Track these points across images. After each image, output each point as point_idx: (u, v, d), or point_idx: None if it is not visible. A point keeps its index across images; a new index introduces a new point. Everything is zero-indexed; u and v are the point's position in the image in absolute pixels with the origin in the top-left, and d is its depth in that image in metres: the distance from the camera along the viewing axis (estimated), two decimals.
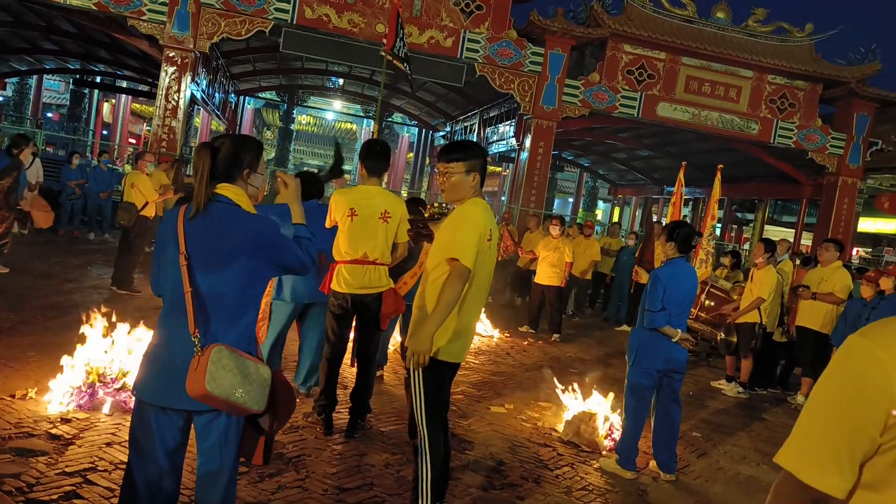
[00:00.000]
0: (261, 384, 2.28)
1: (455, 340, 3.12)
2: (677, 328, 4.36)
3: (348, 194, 4.34)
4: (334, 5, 13.51)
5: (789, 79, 15.81)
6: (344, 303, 4.30)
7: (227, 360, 2.22)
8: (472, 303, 3.14)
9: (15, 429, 3.79)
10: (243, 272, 2.31)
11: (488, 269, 3.20)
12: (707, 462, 5.19)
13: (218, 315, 2.31)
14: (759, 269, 7.57)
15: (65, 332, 5.60)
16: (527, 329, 9.65)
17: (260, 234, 2.34)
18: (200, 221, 2.32)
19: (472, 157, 3.14)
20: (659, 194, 24.73)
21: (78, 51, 18.82)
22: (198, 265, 2.30)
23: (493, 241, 3.18)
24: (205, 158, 2.32)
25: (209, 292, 2.30)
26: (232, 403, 2.22)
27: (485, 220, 3.10)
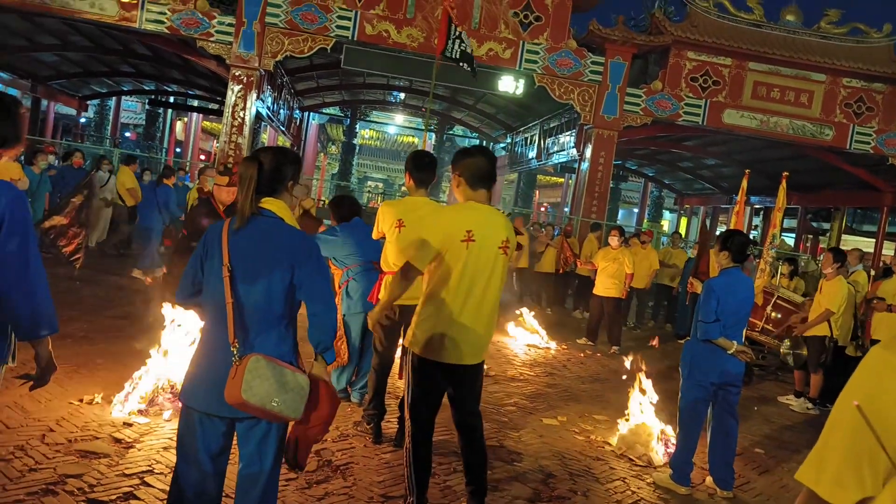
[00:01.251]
0: (297, 393, 2.34)
1: (433, 337, 3.17)
2: (733, 340, 4.22)
3: (396, 206, 4.38)
4: (393, 21, 13.74)
5: (867, 81, 15.12)
6: (391, 314, 4.31)
7: (264, 369, 2.28)
8: (452, 302, 3.16)
9: (81, 431, 3.98)
10: (282, 284, 2.38)
11: (472, 270, 3.16)
12: (769, 480, 4.98)
13: (258, 325, 2.38)
14: (829, 280, 7.24)
15: (133, 342, 5.85)
16: (585, 341, 9.50)
17: (298, 247, 2.40)
18: (244, 234, 2.40)
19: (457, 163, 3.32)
20: (727, 204, 23.96)
21: (152, 72, 19.74)
22: (239, 276, 2.38)
23: (480, 242, 3.16)
24: (252, 172, 2.39)
25: (250, 303, 2.37)
26: (268, 412, 2.28)
27: (456, 220, 3.18)
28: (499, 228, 3.27)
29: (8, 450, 3.60)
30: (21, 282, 2.20)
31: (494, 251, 3.22)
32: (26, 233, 2.23)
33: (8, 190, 2.23)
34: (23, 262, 2.20)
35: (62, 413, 4.22)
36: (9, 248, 2.18)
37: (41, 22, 14.57)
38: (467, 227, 3.16)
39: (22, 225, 2.22)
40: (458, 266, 3.15)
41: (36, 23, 14.69)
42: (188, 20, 13.18)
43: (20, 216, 2.22)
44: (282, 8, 13.40)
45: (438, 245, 3.14)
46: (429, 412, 3.34)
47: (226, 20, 13.32)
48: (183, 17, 13.15)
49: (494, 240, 3.22)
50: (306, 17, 13.50)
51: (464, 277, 3.16)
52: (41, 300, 2.25)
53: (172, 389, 4.58)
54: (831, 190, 19.36)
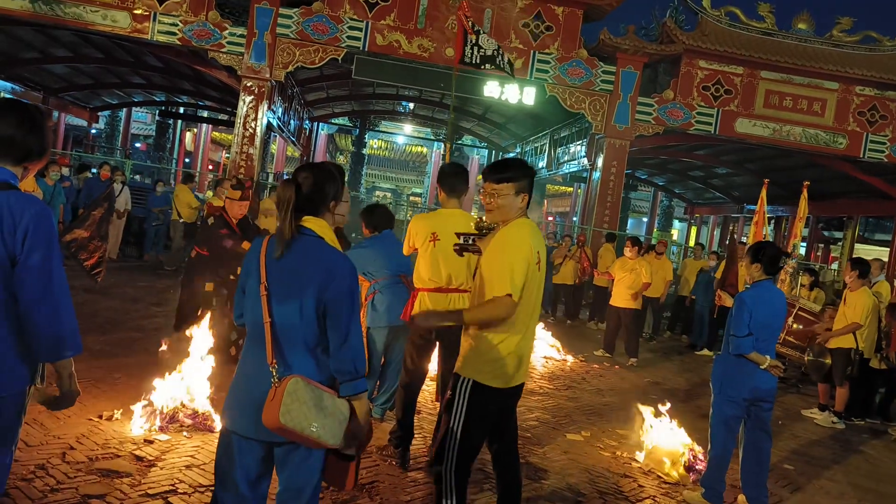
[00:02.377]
0: (337, 418, 2.27)
1: (505, 363, 2.97)
2: (765, 354, 4.11)
3: (430, 219, 4.22)
4: (405, 31, 13.74)
5: (880, 89, 15.03)
6: (427, 333, 4.18)
7: (303, 392, 2.20)
8: (525, 326, 3.01)
9: (101, 449, 3.90)
10: (320, 304, 2.30)
11: (536, 293, 3.05)
12: (801, 498, 4.87)
13: (296, 346, 2.31)
14: (853, 291, 7.13)
15: (150, 355, 5.79)
16: (602, 353, 9.39)
17: (335, 268, 2.32)
18: (281, 255, 2.33)
19: (523, 178, 3.02)
20: (738, 213, 23.85)
21: (163, 84, 19.83)
22: (276, 296, 2.31)
23: (542, 263, 3.07)
24: (289, 194, 2.32)
25: (288, 323, 2.30)
26: (307, 437, 2.20)
27: (532, 242, 2.97)
28: (542, 241, 3.15)
29: (28, 469, 3.53)
30: (44, 299, 2.11)
31: (543, 267, 3.12)
32: (50, 248, 2.15)
33: (31, 204, 2.16)
34: (46, 277, 2.12)
35: (82, 430, 4.15)
36: (31, 262, 2.10)
37: (54, 34, 14.65)
38: (537, 248, 3.01)
39: (45, 240, 2.14)
40: (532, 288, 2.99)
41: (49, 35, 14.77)
42: (200, 31, 13.21)
43: (44, 230, 2.14)
44: (293, 19, 13.43)
45: (526, 269, 2.92)
46: (477, 449, 3.11)
47: (237, 31, 13.35)
48: (195, 29, 13.18)
49: (544, 256, 3.12)
50: (317, 28, 13.52)
51: (531, 299, 3.02)
52: (65, 318, 2.16)
53: (193, 405, 4.51)
54: (844, 199, 19.23)
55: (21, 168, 2.24)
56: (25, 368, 2.20)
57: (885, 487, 5.40)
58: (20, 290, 2.10)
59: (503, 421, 3.20)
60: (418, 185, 38.77)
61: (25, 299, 2.10)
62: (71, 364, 2.24)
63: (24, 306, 2.10)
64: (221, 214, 6.02)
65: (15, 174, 2.21)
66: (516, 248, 2.92)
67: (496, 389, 2.98)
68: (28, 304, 2.10)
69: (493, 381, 2.97)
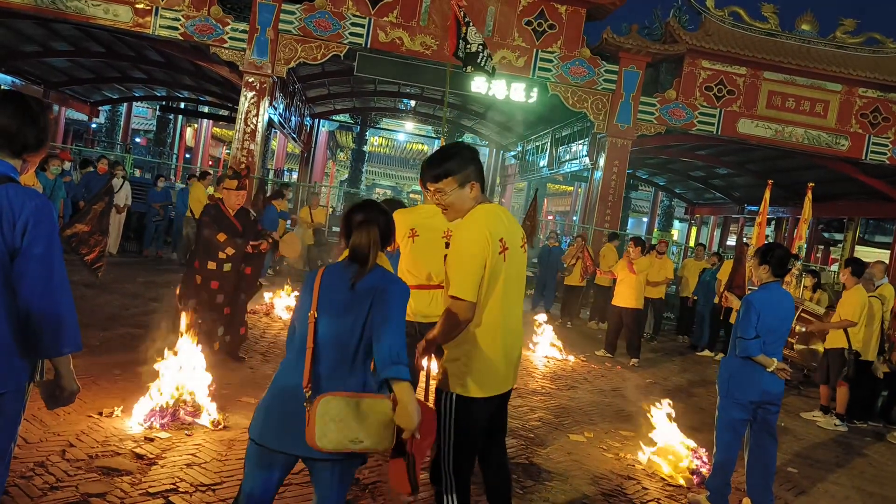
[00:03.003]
0: (379, 421, 2.25)
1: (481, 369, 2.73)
2: (772, 357, 4.08)
3: (409, 214, 4.15)
4: (407, 28, 13.68)
5: (883, 91, 14.98)
6: (411, 330, 4.09)
7: (336, 409, 2.22)
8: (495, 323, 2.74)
9: (101, 447, 3.86)
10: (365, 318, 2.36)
11: (510, 282, 2.76)
12: (806, 502, 4.83)
13: (340, 365, 2.35)
14: (848, 290, 7.17)
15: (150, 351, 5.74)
16: (604, 353, 9.35)
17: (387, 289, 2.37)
18: (339, 278, 2.40)
19: (461, 167, 2.72)
20: (739, 213, 23.81)
21: (164, 78, 19.73)
22: (331, 318, 2.37)
23: (513, 246, 2.76)
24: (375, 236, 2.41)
25: (335, 342, 2.36)
26: (350, 451, 2.25)
27: (490, 231, 2.66)
28: (516, 226, 2.87)
29: (28, 466, 3.49)
30: (44, 294, 2.08)
31: (521, 253, 2.85)
32: (51, 242, 2.11)
33: (32, 197, 2.12)
34: (46, 272, 2.08)
35: (82, 427, 4.11)
36: (31, 256, 2.07)
37: (55, 28, 14.57)
38: (499, 234, 2.70)
39: (46, 234, 2.10)
40: (499, 282, 2.71)
41: (50, 28, 14.70)
42: (202, 27, 13.15)
43: (45, 224, 2.10)
44: (295, 15, 13.36)
45: (481, 264, 2.66)
46: (472, 457, 2.87)
47: (239, 27, 13.28)
48: (197, 24, 13.12)
49: (518, 240, 2.83)
50: (320, 25, 13.45)
51: (504, 293, 2.74)
52: (65, 314, 2.12)
53: (193, 402, 4.47)
54: (845, 200, 19.19)
55: (20, 161, 2.20)
56: (25, 364, 2.17)
57: (890, 491, 5.37)
58: (20, 285, 2.07)
59: (493, 423, 2.97)
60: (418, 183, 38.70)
61: (25, 294, 2.07)
62: (69, 360, 2.20)
63: (23, 301, 2.07)
64: (217, 204, 5.99)
65: (14, 167, 2.17)
66: (465, 245, 2.66)
67: (483, 399, 2.73)
68: (28, 298, 2.06)
69: (478, 392, 2.72)
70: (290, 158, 30.92)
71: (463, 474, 2.80)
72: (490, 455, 3.04)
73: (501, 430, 3.12)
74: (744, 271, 6.19)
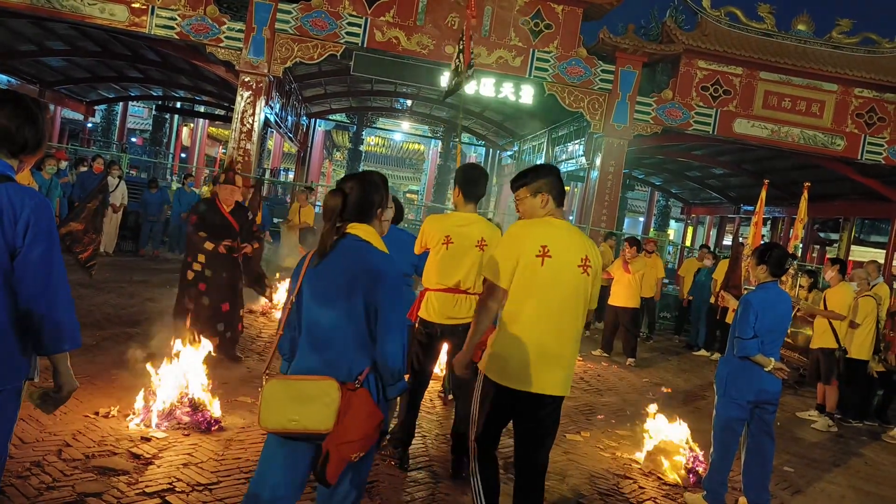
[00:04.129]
0: (321, 401, 2.26)
1: (503, 360, 2.97)
2: (770, 357, 4.09)
3: (444, 221, 4.17)
4: (404, 28, 13.68)
5: (878, 91, 15.02)
6: (433, 331, 4.12)
7: (280, 391, 2.29)
8: (525, 322, 2.93)
9: (98, 447, 3.85)
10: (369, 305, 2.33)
11: (547, 291, 2.92)
12: (802, 501, 4.85)
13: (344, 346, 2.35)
14: (832, 288, 7.24)
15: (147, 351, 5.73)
16: (600, 353, 9.37)
17: (381, 270, 2.34)
18: (327, 259, 2.39)
19: (535, 179, 3.08)
20: (735, 213, 23.85)
21: (160, 78, 19.69)
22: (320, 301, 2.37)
23: (560, 258, 2.93)
24: (336, 203, 2.40)
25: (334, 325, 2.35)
26: (291, 431, 2.28)
27: (535, 235, 2.96)
28: (578, 245, 3.02)
29: (24, 466, 3.48)
30: (44, 292, 2.10)
31: (574, 269, 2.98)
32: (51, 241, 2.13)
33: (31, 196, 2.13)
34: (46, 271, 2.11)
35: (78, 426, 4.10)
36: (32, 257, 2.09)
37: (51, 27, 14.52)
38: (542, 241, 2.93)
39: (46, 233, 2.12)
40: (532, 282, 2.92)
41: (45, 27, 14.65)
42: (198, 26, 13.12)
43: (45, 223, 2.12)
44: (292, 14, 13.34)
45: (514, 259, 2.93)
46: (495, 440, 3.14)
47: (236, 26, 13.26)
48: (193, 23, 13.09)
49: (573, 257, 2.98)
50: (316, 24, 13.44)
51: (538, 295, 2.92)
52: (64, 312, 2.15)
53: (190, 402, 4.46)
54: (840, 200, 19.24)
55: (17, 161, 2.20)
56: (25, 361, 2.18)
57: (886, 490, 5.39)
58: (20, 284, 2.08)
59: (520, 426, 3.09)
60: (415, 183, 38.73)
61: (26, 293, 2.08)
62: (67, 357, 2.22)
63: (24, 300, 2.08)
64: (213, 200, 5.97)
65: (12, 166, 2.18)
66: (506, 240, 3.04)
67: (498, 385, 2.98)
68: (28, 297, 2.08)
69: (493, 376, 3.00)
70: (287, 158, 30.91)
71: (487, 455, 3.09)
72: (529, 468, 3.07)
73: (540, 436, 3.06)
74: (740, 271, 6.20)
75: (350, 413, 2.24)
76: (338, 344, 2.35)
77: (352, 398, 2.26)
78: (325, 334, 2.36)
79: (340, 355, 2.34)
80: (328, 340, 2.35)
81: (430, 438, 4.86)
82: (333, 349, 2.35)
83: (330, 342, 2.35)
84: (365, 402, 2.28)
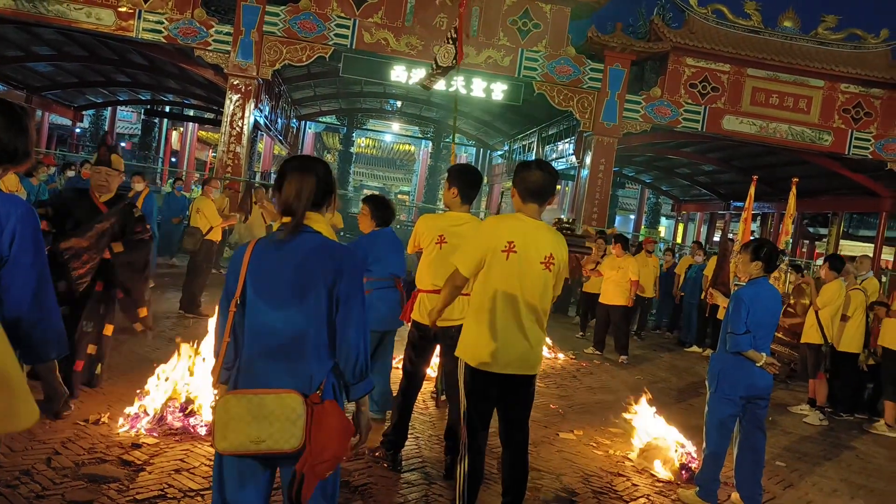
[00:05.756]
0: (287, 418, 2.04)
1: (477, 345, 3.23)
2: (761, 352, 4.10)
3: (438, 220, 4.16)
4: (392, 29, 13.67)
5: (864, 87, 15.13)
6: (427, 333, 4.10)
7: (235, 407, 2.06)
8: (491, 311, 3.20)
9: (88, 454, 3.82)
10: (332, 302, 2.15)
11: (511, 281, 3.18)
12: (795, 495, 4.87)
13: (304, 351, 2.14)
14: (826, 283, 7.35)
15: (136, 357, 5.71)
16: (592, 351, 9.38)
17: (344, 263, 2.17)
18: (275, 255, 2.16)
19: (512, 177, 3.45)
20: (725, 210, 23.96)
21: (149, 82, 19.61)
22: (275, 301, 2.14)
23: (526, 254, 3.18)
24: (310, 184, 2.17)
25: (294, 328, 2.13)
26: (253, 454, 2.07)
27: (502, 231, 3.22)
28: (543, 243, 3.23)
29: (13, 475, 3.45)
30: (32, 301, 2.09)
31: (536, 265, 3.20)
32: (37, 250, 2.12)
33: (17, 205, 2.12)
34: (34, 280, 2.10)
35: (68, 434, 4.06)
36: (19, 265, 2.08)
37: (37, 32, 14.43)
38: (509, 237, 3.17)
39: (33, 241, 2.11)
40: (496, 275, 3.18)
41: (32, 32, 14.56)
42: (186, 29, 13.08)
43: (31, 232, 2.11)
44: (280, 17, 13.32)
45: (482, 252, 3.19)
46: (480, 421, 3.33)
47: (223, 29, 13.23)
48: (180, 27, 13.04)
49: (537, 253, 3.21)
50: (304, 26, 13.42)
51: (503, 287, 3.17)
52: (51, 319, 2.14)
53: (182, 407, 4.43)
54: (829, 195, 19.36)
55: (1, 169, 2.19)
56: None
57: (876, 483, 5.42)
58: (7, 292, 2.07)
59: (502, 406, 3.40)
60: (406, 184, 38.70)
61: (14, 302, 2.07)
62: (55, 365, 2.21)
63: (11, 308, 2.07)
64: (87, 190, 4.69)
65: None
66: (477, 232, 3.34)
67: (475, 369, 3.24)
68: (16, 306, 2.07)
69: (469, 360, 3.27)
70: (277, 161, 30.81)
71: (474, 437, 3.28)
72: (509, 436, 3.39)
73: (514, 418, 3.40)
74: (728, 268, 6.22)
75: (323, 430, 2.06)
76: (295, 350, 2.13)
77: (320, 413, 2.07)
78: (280, 340, 2.12)
79: (299, 363, 2.13)
80: (284, 346, 2.12)
81: (423, 440, 4.85)
82: (290, 356, 2.13)
83: (286, 348, 2.12)
84: (336, 417, 2.10)
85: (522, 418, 3.41)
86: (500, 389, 3.30)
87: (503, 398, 3.35)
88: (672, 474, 4.72)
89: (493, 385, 3.27)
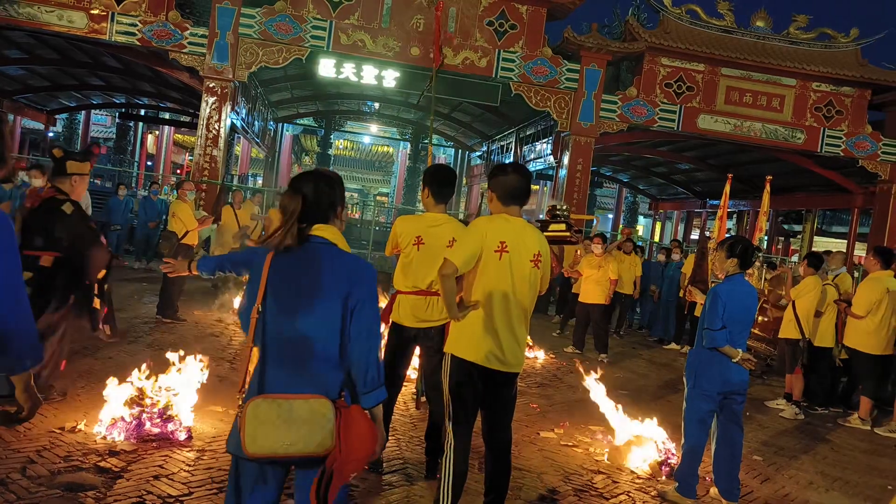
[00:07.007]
0: (317, 423, 2.09)
1: (467, 339, 3.32)
2: (738, 348, 4.16)
3: (416, 221, 4.16)
4: (369, 30, 13.65)
5: (835, 85, 15.39)
6: (406, 335, 4.11)
7: (266, 411, 2.08)
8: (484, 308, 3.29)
9: (64, 462, 3.77)
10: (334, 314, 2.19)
11: (505, 280, 3.28)
12: (772, 488, 4.94)
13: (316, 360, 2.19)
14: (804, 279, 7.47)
15: (113, 362, 5.64)
16: (572, 350, 9.44)
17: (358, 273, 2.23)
18: (292, 265, 2.22)
19: (488, 180, 3.53)
20: (701, 208, 24.24)
21: (123, 85, 19.37)
22: (290, 311, 2.20)
23: (518, 254, 3.29)
24: (296, 204, 2.23)
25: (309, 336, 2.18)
26: (282, 457, 2.10)
27: (493, 231, 3.30)
28: (531, 241, 3.36)
29: None
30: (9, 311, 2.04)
31: (527, 263, 3.32)
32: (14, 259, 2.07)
33: None
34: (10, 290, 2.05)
35: (43, 442, 4.01)
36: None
37: (7, 35, 14.20)
38: (501, 237, 3.28)
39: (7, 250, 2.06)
40: (489, 274, 3.27)
41: (2, 36, 14.32)
42: (160, 32, 12.95)
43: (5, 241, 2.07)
44: (255, 19, 13.24)
45: (477, 247, 3.27)
46: (465, 418, 3.37)
47: (198, 31, 13.12)
48: (154, 29, 12.91)
49: (527, 252, 3.33)
50: (280, 28, 13.35)
51: (497, 286, 3.27)
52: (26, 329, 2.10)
53: (160, 413, 4.39)
54: (803, 192, 19.66)
55: None
56: None
57: (851, 475, 5.51)
58: None
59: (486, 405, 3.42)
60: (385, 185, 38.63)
61: None
62: (30, 375, 2.17)
63: None
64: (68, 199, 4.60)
65: None
66: (471, 231, 3.37)
67: (463, 360, 3.31)
68: None
69: (460, 353, 3.34)
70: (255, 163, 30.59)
71: (458, 437, 3.33)
72: (493, 436, 3.45)
73: (499, 415, 3.45)
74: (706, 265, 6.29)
75: (352, 433, 2.12)
76: (313, 358, 2.18)
77: (347, 416, 2.13)
78: (297, 348, 2.18)
79: (318, 370, 2.19)
80: (301, 354, 2.18)
81: (403, 441, 4.85)
82: (309, 364, 2.18)
83: (303, 356, 2.18)
84: (364, 420, 2.17)
85: (506, 420, 3.45)
86: (485, 385, 3.34)
87: (487, 397, 3.38)
88: (652, 470, 4.77)
89: (479, 380, 3.33)
